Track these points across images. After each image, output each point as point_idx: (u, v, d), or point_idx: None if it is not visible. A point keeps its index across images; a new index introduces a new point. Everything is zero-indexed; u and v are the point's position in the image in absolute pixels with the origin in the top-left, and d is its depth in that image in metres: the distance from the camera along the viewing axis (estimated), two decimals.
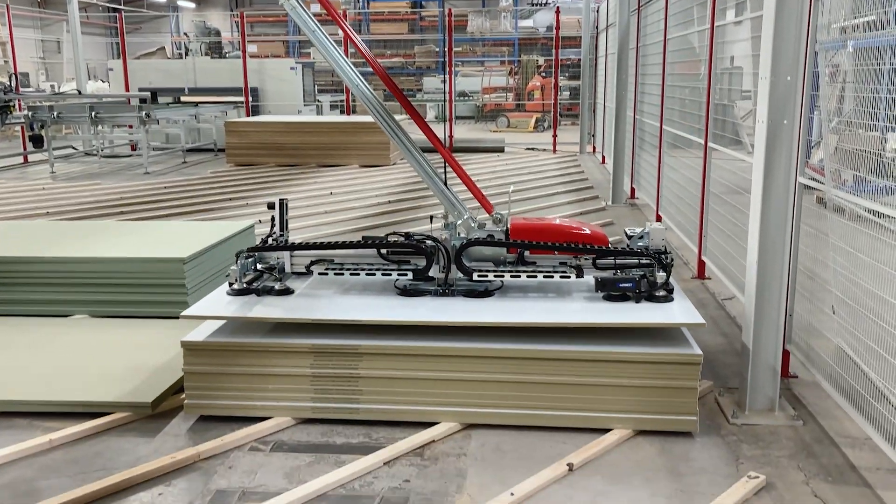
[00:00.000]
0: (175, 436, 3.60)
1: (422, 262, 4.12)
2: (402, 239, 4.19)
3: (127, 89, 16.83)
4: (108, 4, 32.53)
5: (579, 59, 18.83)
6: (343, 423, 3.68)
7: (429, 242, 4.12)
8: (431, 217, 4.41)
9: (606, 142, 13.16)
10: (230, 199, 10.18)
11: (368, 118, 16.52)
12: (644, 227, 4.20)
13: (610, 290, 3.94)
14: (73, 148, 16.22)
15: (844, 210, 3.80)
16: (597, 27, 16.10)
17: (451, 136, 16.58)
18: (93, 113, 13.02)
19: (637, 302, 3.89)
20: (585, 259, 4.10)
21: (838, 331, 3.92)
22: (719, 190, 5.94)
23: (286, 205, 4.48)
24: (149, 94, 14.34)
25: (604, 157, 14.04)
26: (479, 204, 4.46)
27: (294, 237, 7.69)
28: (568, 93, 24.69)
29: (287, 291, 4.12)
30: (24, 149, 15.07)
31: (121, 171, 13.56)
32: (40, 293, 5.26)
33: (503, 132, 21.72)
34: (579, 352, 3.56)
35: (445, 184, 4.39)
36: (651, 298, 3.89)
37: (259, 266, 4.28)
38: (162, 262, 5.20)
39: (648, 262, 3.99)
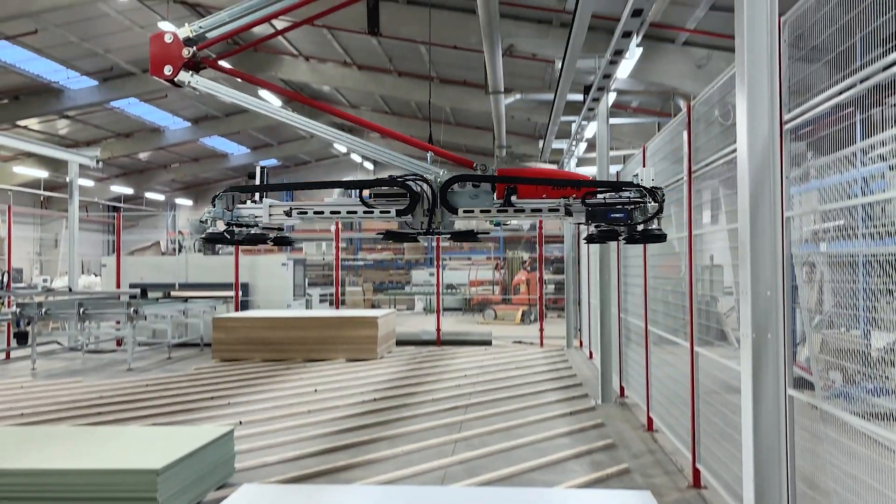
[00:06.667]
0: None
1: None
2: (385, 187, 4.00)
3: (118, 284, 17.03)
4: (108, 203, 33.85)
5: (563, 255, 19.37)
6: None
7: (412, 184, 3.92)
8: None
9: (593, 337, 13.20)
10: (212, 399, 9.95)
11: (356, 312, 16.66)
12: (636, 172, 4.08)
13: (601, 221, 3.70)
14: (58, 343, 16.10)
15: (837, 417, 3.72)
16: (578, 227, 16.71)
17: (438, 330, 16.68)
18: (81, 309, 13.05)
19: (629, 234, 3.65)
20: (575, 199, 3.83)
21: None
22: (713, 385, 5.85)
23: (266, 172, 4.28)
24: (139, 290, 14.48)
25: (591, 353, 14.02)
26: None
27: (275, 439, 7.49)
28: (553, 286, 25.18)
29: None
30: (8, 345, 14.94)
31: (104, 367, 13.37)
32: None
33: (490, 324, 21.85)
34: None
35: (431, 140, 4.31)
36: (646, 234, 3.66)
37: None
38: (132, 474, 4.96)
39: (639, 195, 3.72)
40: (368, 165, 35.86)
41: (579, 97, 10.90)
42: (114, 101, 22.97)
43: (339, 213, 4.00)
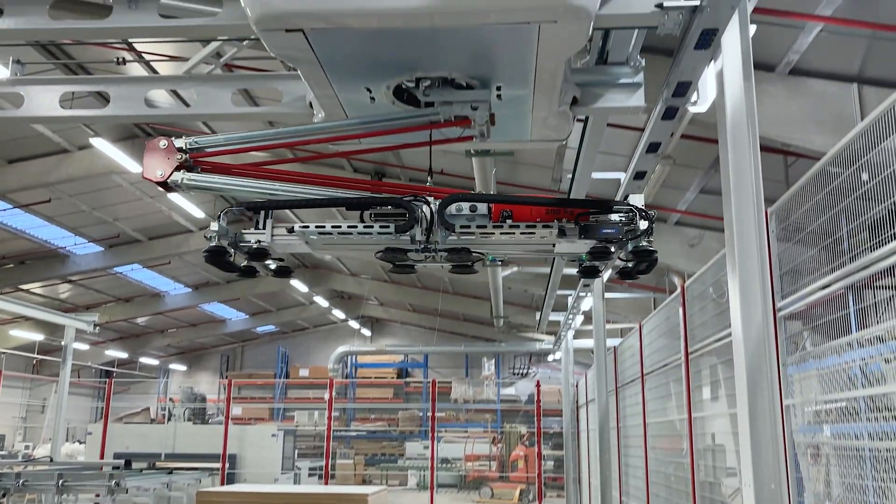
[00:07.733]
0: None
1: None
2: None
3: (102, 454, 16.46)
4: (101, 367, 33.49)
5: (562, 430, 18.91)
6: None
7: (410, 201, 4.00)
8: None
9: None
10: None
11: (345, 489, 15.92)
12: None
13: (593, 237, 3.83)
14: None
15: None
16: (577, 401, 16.45)
17: None
18: (61, 481, 12.51)
19: (621, 248, 3.76)
20: (568, 222, 3.97)
21: None
22: None
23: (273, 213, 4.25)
24: (123, 461, 13.99)
25: None
26: None
27: None
28: (552, 462, 24.36)
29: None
30: None
31: None
32: None
33: None
34: None
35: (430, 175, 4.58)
36: (637, 250, 3.76)
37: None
38: None
39: (629, 213, 3.85)
40: (366, 332, 35.92)
41: (575, 270, 11.11)
42: (117, 267, 23.34)
43: (339, 226, 4.15)
